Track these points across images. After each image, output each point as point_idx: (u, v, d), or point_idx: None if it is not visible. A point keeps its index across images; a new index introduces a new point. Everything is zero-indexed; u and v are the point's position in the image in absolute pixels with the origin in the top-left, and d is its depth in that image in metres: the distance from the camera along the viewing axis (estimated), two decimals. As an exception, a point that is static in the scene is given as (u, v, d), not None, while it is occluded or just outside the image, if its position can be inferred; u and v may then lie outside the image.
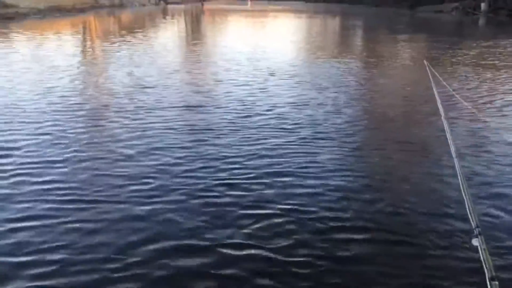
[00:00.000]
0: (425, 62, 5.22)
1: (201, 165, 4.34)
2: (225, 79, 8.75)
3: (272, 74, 9.32)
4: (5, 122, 5.57)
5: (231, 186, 3.89)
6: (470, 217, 1.98)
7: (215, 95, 7.39)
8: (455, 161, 2.56)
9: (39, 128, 5.39)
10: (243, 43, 15.73)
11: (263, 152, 4.71)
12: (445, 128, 3.27)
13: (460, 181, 2.36)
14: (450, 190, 3.79)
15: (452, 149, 2.74)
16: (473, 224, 1.92)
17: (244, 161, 4.46)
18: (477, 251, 1.73)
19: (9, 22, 22.62)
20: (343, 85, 8.43)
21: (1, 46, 13.49)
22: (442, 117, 3.57)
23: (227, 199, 3.65)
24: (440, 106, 3.84)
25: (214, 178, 4.05)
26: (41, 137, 5.07)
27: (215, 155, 4.62)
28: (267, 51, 13.22)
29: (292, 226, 3.27)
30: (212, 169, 4.24)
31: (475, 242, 1.80)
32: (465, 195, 2.18)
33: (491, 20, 29.55)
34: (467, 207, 2.07)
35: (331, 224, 3.32)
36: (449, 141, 2.88)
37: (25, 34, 17.38)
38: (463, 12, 35.68)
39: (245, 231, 3.19)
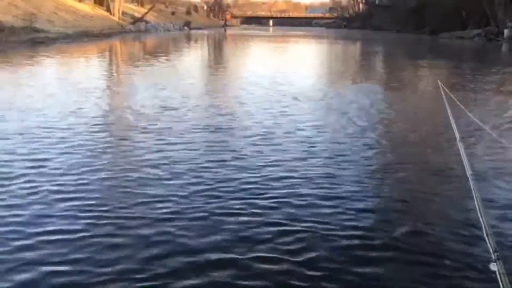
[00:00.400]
0: (439, 83, 5.20)
1: (223, 184, 4.44)
2: (248, 102, 8.89)
3: (294, 98, 9.46)
4: (35, 142, 5.80)
5: (252, 204, 3.97)
6: (487, 241, 1.95)
7: (237, 118, 7.52)
8: (472, 184, 2.59)
9: (67, 147, 5.61)
10: (265, 67, 15.98)
11: (285, 174, 4.79)
12: (461, 152, 3.32)
13: (476, 204, 2.35)
14: (467, 213, 3.80)
15: (468, 172, 2.77)
16: (491, 249, 1.87)
17: (265, 181, 4.55)
18: (496, 276, 1.70)
19: (39, 46, 23.43)
20: (363, 109, 8.49)
21: (31, 69, 14.00)
22: (458, 140, 3.61)
23: (248, 217, 3.73)
24: (455, 130, 3.89)
25: (236, 197, 4.14)
26: (69, 156, 5.26)
27: (236, 175, 4.72)
28: (289, 75, 13.39)
29: (314, 242, 3.34)
30: (233, 189, 4.34)
31: (493, 266, 1.75)
32: (482, 218, 2.15)
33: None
34: (484, 231, 2.04)
35: (352, 242, 3.37)
36: (465, 164, 2.92)
37: (54, 58, 17.99)
38: (486, 39, 35.56)
39: (268, 245, 3.27)
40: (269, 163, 5.13)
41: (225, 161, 5.17)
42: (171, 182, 4.49)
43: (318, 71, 15.76)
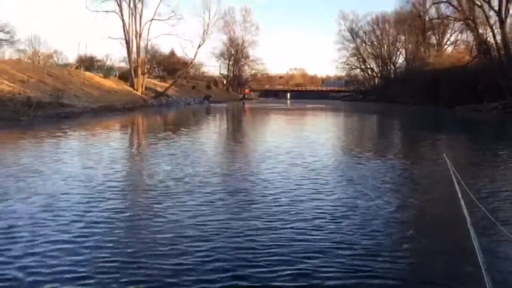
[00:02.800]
0: (446, 159, 4.97)
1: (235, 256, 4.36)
2: (265, 178, 8.89)
3: (311, 170, 9.48)
4: (58, 210, 5.89)
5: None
6: None
7: (254, 194, 7.49)
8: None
9: (85, 216, 5.69)
10: (282, 141, 16.12)
11: (296, 255, 4.69)
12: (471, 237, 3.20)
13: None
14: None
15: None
16: None
17: (274, 263, 4.45)
18: None
19: (64, 120, 24.33)
20: (377, 183, 8.40)
21: (54, 141, 14.44)
22: (469, 224, 3.47)
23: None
24: (467, 217, 3.78)
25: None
26: (88, 225, 5.33)
27: (248, 255, 4.63)
28: (306, 149, 13.46)
29: None
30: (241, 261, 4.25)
31: None
32: None
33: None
34: None
35: None
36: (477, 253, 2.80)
37: (77, 131, 18.68)
38: (503, 112, 35.64)
39: None
40: (282, 242, 5.03)
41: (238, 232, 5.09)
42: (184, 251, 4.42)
43: (334, 144, 15.84)
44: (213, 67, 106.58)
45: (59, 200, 6.81)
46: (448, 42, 69.91)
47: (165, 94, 56.42)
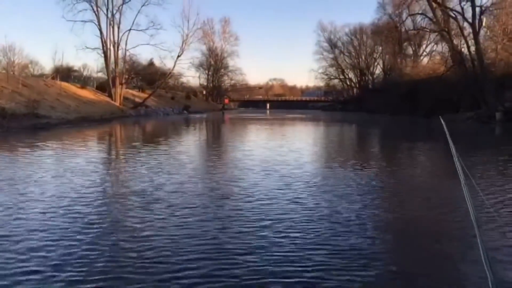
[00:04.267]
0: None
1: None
2: (243, 186, 8.77)
3: (289, 180, 9.40)
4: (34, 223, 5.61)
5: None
6: None
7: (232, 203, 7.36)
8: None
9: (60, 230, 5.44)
10: (262, 150, 16.04)
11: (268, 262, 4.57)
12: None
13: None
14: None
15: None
16: None
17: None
18: None
19: (39, 131, 23.82)
20: (357, 191, 8.35)
21: (28, 152, 14.06)
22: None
23: None
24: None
25: None
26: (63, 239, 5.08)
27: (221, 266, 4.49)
28: (285, 158, 13.39)
29: None
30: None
31: None
32: None
33: (508, 129, 29.89)
34: None
35: None
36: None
37: (52, 142, 18.28)
38: (478, 122, 36.31)
39: None
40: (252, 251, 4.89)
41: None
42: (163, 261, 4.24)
43: (314, 152, 15.82)
44: (193, 78, 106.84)
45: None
46: (424, 53, 71.23)
47: (144, 105, 55.97)
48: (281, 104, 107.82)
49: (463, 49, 46.07)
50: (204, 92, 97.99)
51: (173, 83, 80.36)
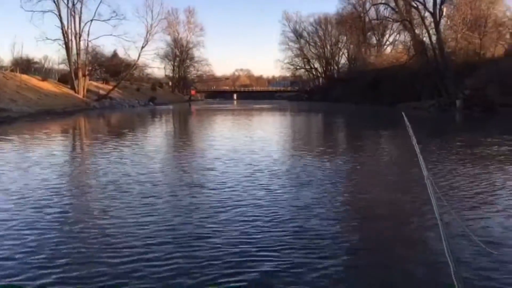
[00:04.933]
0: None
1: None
2: (211, 179, 8.84)
3: (257, 170, 9.53)
4: None
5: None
6: None
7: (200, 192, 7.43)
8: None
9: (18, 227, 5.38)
10: (229, 141, 16.11)
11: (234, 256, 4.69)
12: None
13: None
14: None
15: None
16: None
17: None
18: None
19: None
20: (324, 180, 8.55)
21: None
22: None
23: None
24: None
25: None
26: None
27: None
28: (252, 147, 13.52)
29: None
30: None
31: None
32: None
33: (467, 116, 30.95)
34: None
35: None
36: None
37: (11, 136, 17.83)
38: (440, 109, 37.41)
39: None
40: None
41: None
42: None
43: (281, 142, 15.99)
44: (158, 69, 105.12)
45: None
46: (388, 43, 72.55)
47: (108, 97, 54.91)
48: (248, 94, 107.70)
49: (424, 39, 47.26)
50: (170, 84, 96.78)
51: (138, 75, 78.89)
